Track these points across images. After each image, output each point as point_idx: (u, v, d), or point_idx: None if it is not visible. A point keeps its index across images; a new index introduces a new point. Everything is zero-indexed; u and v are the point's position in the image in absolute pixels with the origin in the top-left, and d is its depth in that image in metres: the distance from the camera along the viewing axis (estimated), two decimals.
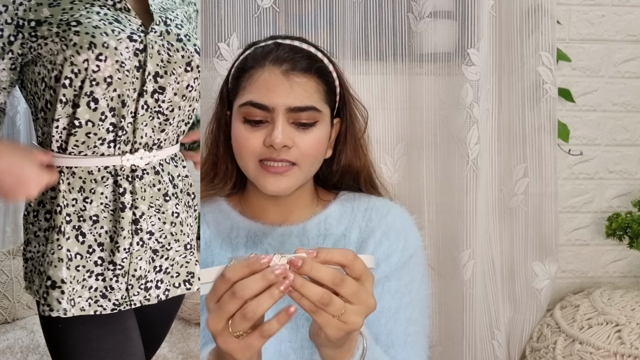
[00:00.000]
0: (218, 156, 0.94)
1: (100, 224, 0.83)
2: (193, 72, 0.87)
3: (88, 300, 0.82)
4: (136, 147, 0.83)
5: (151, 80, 0.82)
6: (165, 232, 0.88)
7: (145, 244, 0.84)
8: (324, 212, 0.95)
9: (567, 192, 1.73)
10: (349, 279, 0.64)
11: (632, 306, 1.51)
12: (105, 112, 0.80)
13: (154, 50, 0.81)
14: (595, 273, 1.78)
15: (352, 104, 0.95)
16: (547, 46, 1.43)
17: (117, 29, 0.78)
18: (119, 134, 0.81)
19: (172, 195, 0.89)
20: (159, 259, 0.87)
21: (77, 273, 0.82)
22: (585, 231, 1.76)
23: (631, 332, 1.42)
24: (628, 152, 1.73)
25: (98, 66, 0.77)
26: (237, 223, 0.93)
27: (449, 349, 1.54)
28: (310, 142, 0.86)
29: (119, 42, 0.78)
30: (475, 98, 1.38)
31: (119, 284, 0.83)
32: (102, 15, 0.79)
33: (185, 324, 2.47)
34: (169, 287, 0.88)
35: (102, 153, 0.82)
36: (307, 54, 0.88)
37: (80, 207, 0.82)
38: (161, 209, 0.87)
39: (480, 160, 1.42)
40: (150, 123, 0.84)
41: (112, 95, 0.79)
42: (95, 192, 0.82)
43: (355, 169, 0.97)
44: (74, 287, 0.81)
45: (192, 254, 0.92)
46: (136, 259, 0.84)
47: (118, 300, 0.84)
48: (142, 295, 0.86)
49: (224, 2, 1.33)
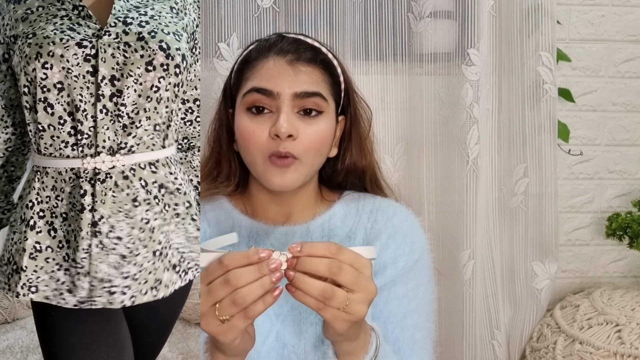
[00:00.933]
0: (221, 154, 0.93)
1: (68, 221, 0.86)
2: (157, 72, 0.83)
3: (54, 291, 0.86)
4: (98, 150, 0.84)
5: (107, 84, 0.82)
6: (133, 237, 0.86)
7: (106, 248, 0.84)
8: (328, 212, 0.94)
9: (567, 192, 1.73)
10: (345, 265, 0.64)
11: (632, 306, 1.51)
12: (63, 117, 0.83)
13: (106, 54, 0.81)
14: (595, 273, 1.78)
15: (357, 102, 0.94)
16: (547, 46, 1.43)
17: (67, 37, 0.81)
18: (78, 137, 0.83)
19: (142, 201, 0.87)
20: (127, 265, 0.86)
21: (47, 264, 0.86)
22: (585, 231, 1.76)
23: (631, 332, 1.42)
24: (628, 152, 1.73)
25: (45, 74, 0.81)
26: (238, 222, 0.92)
27: (449, 349, 1.55)
28: (314, 135, 0.84)
29: (66, 50, 0.80)
30: (475, 98, 1.38)
31: (82, 282, 0.84)
32: (57, 25, 0.82)
33: (185, 324, 2.46)
34: (135, 294, 0.87)
35: (67, 155, 0.84)
36: (310, 46, 0.88)
37: (52, 204, 0.86)
38: (129, 214, 0.86)
39: (480, 160, 1.42)
40: (112, 127, 0.83)
41: (66, 100, 0.82)
42: (64, 191, 0.85)
43: (361, 168, 0.96)
44: (39, 275, 0.85)
45: (160, 260, 0.89)
46: (96, 260, 0.84)
47: (82, 297, 0.85)
48: (106, 298, 0.85)
49: (224, 2, 1.33)
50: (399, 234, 0.91)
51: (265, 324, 0.87)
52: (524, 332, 1.61)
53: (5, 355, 2.13)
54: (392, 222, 0.92)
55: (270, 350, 0.86)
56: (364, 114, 0.96)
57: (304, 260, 0.63)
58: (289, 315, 0.88)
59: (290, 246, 0.64)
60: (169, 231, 0.91)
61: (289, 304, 0.88)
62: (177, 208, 0.93)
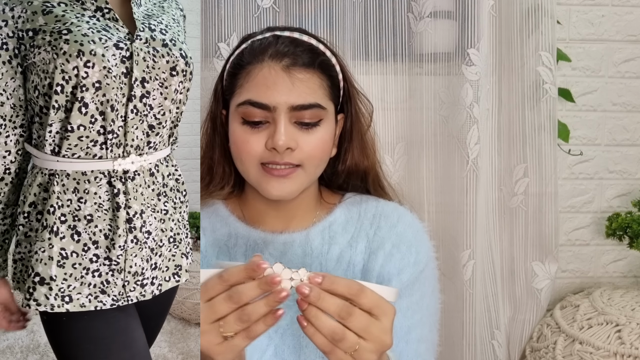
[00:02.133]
0: (214, 159, 0.88)
1: (94, 222, 0.85)
2: (178, 76, 0.89)
3: (88, 297, 0.85)
4: (128, 150, 0.86)
5: (138, 86, 0.85)
6: (158, 229, 0.91)
7: (139, 242, 0.87)
8: (329, 217, 0.89)
9: (567, 192, 1.73)
10: (357, 312, 0.60)
11: (632, 306, 1.51)
12: (95, 115, 0.83)
13: (139, 57, 0.84)
14: (595, 273, 1.78)
15: (357, 99, 0.90)
16: (547, 46, 1.43)
17: (105, 37, 0.82)
18: (109, 137, 0.84)
19: (162, 193, 0.93)
20: (154, 257, 0.90)
21: (74, 270, 0.85)
22: (585, 231, 1.76)
23: (631, 332, 1.42)
24: (628, 152, 1.73)
25: (87, 73, 0.80)
26: (235, 230, 0.88)
27: (449, 349, 1.55)
28: (315, 143, 0.80)
29: (106, 50, 0.81)
30: (475, 98, 1.38)
31: (115, 279, 0.86)
32: (91, 24, 0.82)
33: (185, 324, 2.46)
34: (161, 282, 0.91)
35: (95, 154, 0.85)
36: (308, 47, 0.82)
37: (75, 207, 0.85)
38: (156, 208, 0.91)
39: (480, 160, 1.42)
40: (141, 126, 0.87)
41: (101, 100, 0.83)
42: (88, 192, 0.85)
43: (363, 168, 0.92)
44: (69, 284, 0.84)
45: (176, 247, 0.95)
46: (131, 255, 0.87)
47: (116, 296, 0.87)
48: (138, 292, 0.88)
49: (224, 2, 1.33)
50: (403, 243, 0.87)
51: (263, 339, 0.83)
52: (524, 332, 1.61)
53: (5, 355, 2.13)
54: (397, 229, 0.88)
55: None
56: (364, 109, 0.91)
57: (318, 294, 0.60)
58: (288, 329, 0.84)
59: (312, 276, 0.61)
60: (177, 219, 0.97)
61: (287, 317, 0.84)
62: (178, 197, 0.99)
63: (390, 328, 0.62)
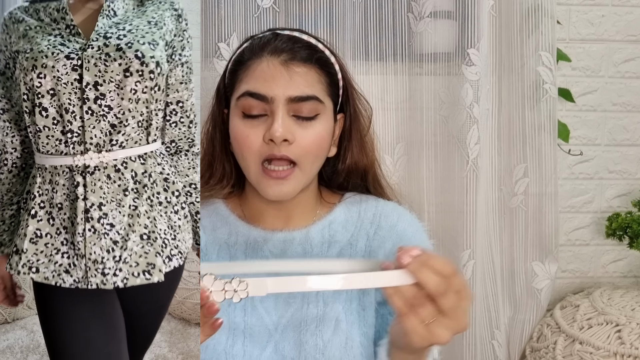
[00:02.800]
0: (214, 156, 0.90)
1: (63, 210, 0.97)
2: (133, 77, 0.94)
3: (52, 272, 0.97)
4: (87, 147, 0.96)
5: (91, 90, 0.94)
6: (124, 224, 0.97)
7: (97, 232, 0.95)
8: (329, 216, 0.90)
9: (567, 192, 1.73)
10: (452, 292, 0.61)
11: (632, 306, 1.51)
12: (56, 117, 0.95)
13: (90, 64, 0.93)
14: (595, 273, 1.78)
15: (356, 98, 0.91)
16: (547, 46, 1.43)
17: (58, 51, 0.94)
18: (69, 136, 0.95)
19: (131, 190, 0.98)
20: (118, 249, 0.96)
21: (46, 249, 0.98)
22: (585, 231, 1.76)
23: (631, 332, 1.42)
24: (628, 152, 1.73)
25: (40, 82, 0.93)
26: (235, 228, 0.89)
27: (449, 349, 1.55)
28: (311, 138, 0.81)
29: (57, 62, 0.93)
30: (475, 98, 1.38)
31: (80, 263, 0.96)
32: (50, 41, 0.96)
33: (185, 324, 2.46)
34: (127, 276, 0.96)
35: (61, 151, 0.97)
36: (306, 44, 0.84)
37: (50, 196, 0.98)
38: (121, 202, 0.97)
39: (480, 160, 1.42)
40: (98, 126, 0.95)
41: (58, 104, 0.95)
42: (58, 184, 0.97)
43: (362, 167, 0.93)
44: (39, 258, 0.97)
45: (150, 245, 0.98)
46: (90, 243, 0.95)
47: (78, 278, 0.96)
48: (99, 279, 0.95)
49: (224, 2, 1.33)
50: (403, 242, 0.87)
51: (263, 335, 0.84)
52: (524, 332, 1.61)
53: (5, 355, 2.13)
54: (397, 228, 0.89)
55: None
56: (363, 110, 0.92)
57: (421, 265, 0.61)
58: (289, 325, 0.85)
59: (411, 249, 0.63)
60: (154, 217, 1.00)
61: (288, 314, 0.85)
62: (160, 196, 1.02)
63: (468, 311, 0.63)
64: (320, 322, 0.85)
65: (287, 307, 0.85)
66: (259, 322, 0.85)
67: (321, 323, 0.84)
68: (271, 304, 0.85)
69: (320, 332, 0.84)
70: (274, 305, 0.85)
